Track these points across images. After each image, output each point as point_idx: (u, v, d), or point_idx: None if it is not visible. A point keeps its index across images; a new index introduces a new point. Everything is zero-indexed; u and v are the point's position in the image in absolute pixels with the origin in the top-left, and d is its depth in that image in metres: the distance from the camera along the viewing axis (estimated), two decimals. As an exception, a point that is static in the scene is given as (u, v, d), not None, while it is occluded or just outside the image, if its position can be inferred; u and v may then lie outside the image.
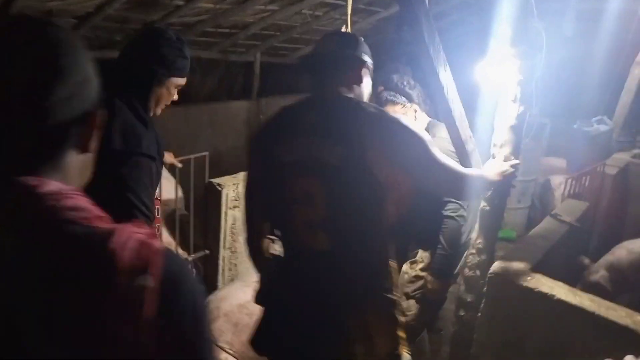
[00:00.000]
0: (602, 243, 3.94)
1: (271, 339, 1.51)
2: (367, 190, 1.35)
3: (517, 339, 1.89)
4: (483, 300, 1.98)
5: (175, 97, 1.70)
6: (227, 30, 4.73)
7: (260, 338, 1.53)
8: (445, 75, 1.72)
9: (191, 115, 4.74)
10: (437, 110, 1.85)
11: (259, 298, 1.55)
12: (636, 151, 4.72)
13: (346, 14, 5.56)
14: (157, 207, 1.73)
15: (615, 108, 4.37)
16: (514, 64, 1.87)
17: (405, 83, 2.16)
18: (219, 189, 2.63)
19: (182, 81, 1.67)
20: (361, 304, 1.41)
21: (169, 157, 2.57)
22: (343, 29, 2.61)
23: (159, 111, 1.69)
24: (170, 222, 2.78)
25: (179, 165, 2.69)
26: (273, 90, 5.79)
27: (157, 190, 1.70)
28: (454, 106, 1.79)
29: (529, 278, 1.87)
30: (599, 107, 4.63)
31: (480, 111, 2.05)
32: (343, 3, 4.83)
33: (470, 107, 1.97)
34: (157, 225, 1.75)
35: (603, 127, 4.03)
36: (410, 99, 2.16)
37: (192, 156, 2.94)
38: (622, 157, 4.21)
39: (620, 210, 4.33)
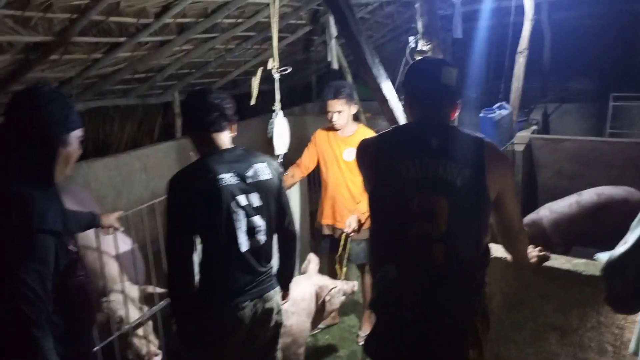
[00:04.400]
0: (522, 210, 4.45)
1: (385, 347, 1.59)
2: (480, 209, 1.53)
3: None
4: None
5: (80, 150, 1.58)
6: (143, 75, 4.74)
7: (374, 344, 1.62)
8: (388, 89, 1.97)
9: (122, 163, 4.69)
10: (386, 119, 2.10)
11: (375, 306, 1.63)
12: (533, 128, 5.38)
13: (257, 43, 5.73)
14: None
15: (510, 94, 4.95)
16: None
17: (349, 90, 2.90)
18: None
19: (81, 132, 1.56)
20: (474, 311, 1.54)
21: (107, 220, 2.23)
22: (270, 62, 2.67)
23: (69, 171, 1.56)
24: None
25: (120, 228, 2.32)
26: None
27: None
28: (398, 114, 2.05)
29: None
30: (497, 95, 5.22)
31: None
32: (253, 34, 5.04)
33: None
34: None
35: (504, 112, 4.56)
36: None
37: (144, 206, 2.57)
38: (524, 135, 4.79)
39: (531, 179, 4.91)
